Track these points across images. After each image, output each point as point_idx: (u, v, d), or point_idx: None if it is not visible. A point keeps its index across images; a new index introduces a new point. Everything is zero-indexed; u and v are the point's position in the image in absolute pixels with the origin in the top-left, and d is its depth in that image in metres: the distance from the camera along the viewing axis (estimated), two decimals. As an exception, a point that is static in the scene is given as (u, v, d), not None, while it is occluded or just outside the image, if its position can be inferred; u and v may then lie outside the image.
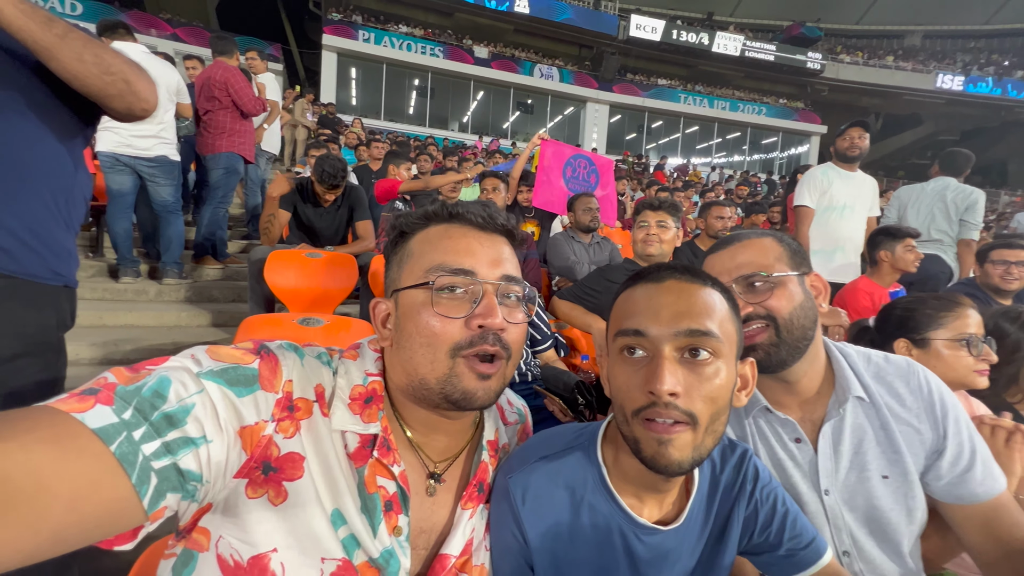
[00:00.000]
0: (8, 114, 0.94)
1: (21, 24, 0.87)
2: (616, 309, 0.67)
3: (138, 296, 3.33)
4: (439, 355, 0.59)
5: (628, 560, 0.67)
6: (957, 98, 22.51)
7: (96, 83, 0.95)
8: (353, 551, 0.57)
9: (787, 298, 0.80)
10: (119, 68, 0.97)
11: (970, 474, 0.79)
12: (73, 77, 0.93)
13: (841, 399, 0.83)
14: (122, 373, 0.49)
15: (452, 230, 0.64)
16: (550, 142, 3.84)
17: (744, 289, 0.82)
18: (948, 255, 3.19)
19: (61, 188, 1.04)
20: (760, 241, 0.86)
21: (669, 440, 0.57)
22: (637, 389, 0.60)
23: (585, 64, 22.02)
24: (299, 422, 0.57)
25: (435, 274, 0.61)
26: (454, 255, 0.62)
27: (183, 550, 0.56)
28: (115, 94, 0.99)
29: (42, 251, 1.00)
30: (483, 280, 0.61)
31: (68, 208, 1.06)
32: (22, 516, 0.37)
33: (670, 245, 2.03)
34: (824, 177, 2.94)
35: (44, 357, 1.04)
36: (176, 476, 0.47)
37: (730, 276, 0.83)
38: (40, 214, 1.00)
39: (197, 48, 16.26)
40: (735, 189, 9.87)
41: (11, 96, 0.94)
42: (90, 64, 0.93)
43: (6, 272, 0.95)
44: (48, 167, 1.01)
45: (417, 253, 0.64)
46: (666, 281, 0.63)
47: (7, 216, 0.95)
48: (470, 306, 0.61)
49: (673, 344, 0.59)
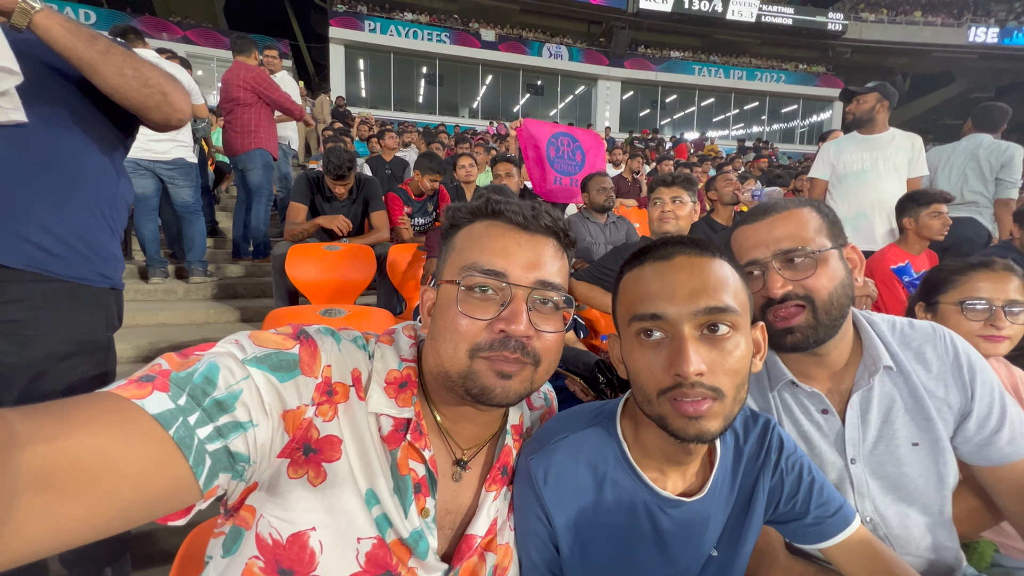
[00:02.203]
0: (56, 128, 1.01)
1: (68, 43, 0.93)
2: (625, 291, 0.65)
3: (167, 296, 3.44)
4: (459, 352, 0.59)
5: (654, 534, 0.67)
6: (992, 51, 21.28)
7: (136, 96, 1.01)
8: (385, 530, 0.59)
9: (828, 276, 0.77)
10: (156, 81, 1.03)
11: (998, 435, 0.78)
12: (114, 91, 0.99)
13: (871, 369, 0.81)
14: (173, 359, 0.51)
15: (493, 228, 0.63)
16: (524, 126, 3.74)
17: (783, 265, 0.78)
18: (984, 217, 3.01)
19: (106, 196, 1.10)
20: (799, 212, 0.81)
21: (699, 417, 0.57)
22: (660, 371, 0.59)
23: (595, 41, 21.50)
24: (337, 406, 0.59)
25: (467, 272, 0.60)
26: (489, 255, 0.61)
27: (232, 527, 0.59)
28: (153, 106, 1.04)
29: (91, 256, 1.07)
30: (514, 283, 0.60)
31: (112, 215, 1.12)
32: (93, 494, 0.40)
33: (687, 221, 1.99)
34: (836, 146, 2.83)
35: (95, 355, 1.11)
36: (227, 458, 0.49)
37: (768, 249, 0.79)
38: (88, 221, 1.06)
39: (208, 49, 16.49)
40: (754, 162, 9.60)
41: (57, 111, 1.00)
42: (130, 78, 0.99)
43: (59, 276, 1.02)
44: (94, 177, 1.07)
45: (459, 248, 0.64)
46: (675, 258, 0.62)
47: (58, 224, 1.01)
48: (498, 308, 0.60)
49: (692, 323, 0.58)
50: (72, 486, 0.39)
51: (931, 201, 2.22)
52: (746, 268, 0.81)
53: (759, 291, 0.79)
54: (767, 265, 0.79)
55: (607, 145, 7.29)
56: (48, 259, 1.00)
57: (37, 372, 1.01)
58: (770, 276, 0.78)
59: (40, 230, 0.98)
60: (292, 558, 0.56)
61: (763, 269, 0.79)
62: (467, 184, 3.89)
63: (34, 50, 0.94)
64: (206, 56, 16.75)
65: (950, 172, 3.10)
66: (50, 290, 1.01)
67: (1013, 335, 1.08)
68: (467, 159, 3.89)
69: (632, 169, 6.23)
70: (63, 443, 0.39)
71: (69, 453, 0.39)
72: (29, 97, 0.92)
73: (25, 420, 0.39)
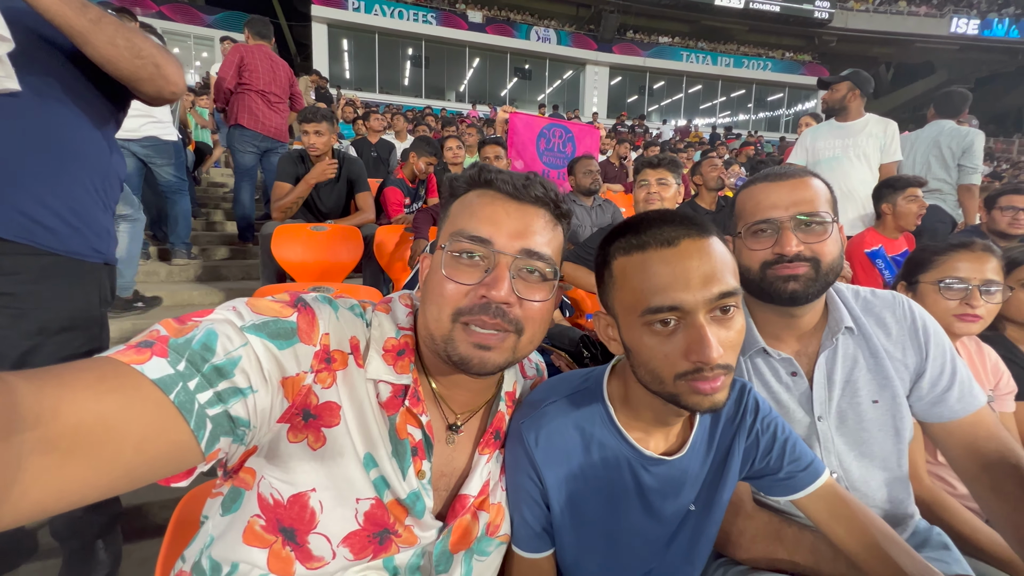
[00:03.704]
0: (49, 101, 0.98)
1: (57, 10, 0.90)
2: (629, 279, 0.63)
3: (149, 277, 3.38)
4: (443, 316, 0.61)
5: (637, 490, 0.71)
6: (972, 43, 21.56)
7: (128, 67, 0.98)
8: (383, 491, 0.61)
9: (832, 243, 0.82)
10: (149, 52, 1.00)
11: (948, 393, 0.85)
12: (107, 61, 0.96)
13: (834, 329, 0.88)
14: (171, 325, 0.51)
15: (484, 196, 0.64)
16: (518, 114, 3.75)
17: (797, 226, 0.82)
18: (948, 204, 3.06)
19: (99, 170, 1.09)
20: (814, 181, 0.85)
21: (714, 392, 0.59)
22: (678, 357, 0.59)
23: (584, 25, 21.26)
24: (335, 373, 0.60)
25: (455, 239, 0.62)
26: (476, 222, 0.62)
27: (231, 488, 0.60)
28: (145, 77, 1.02)
29: (84, 231, 1.05)
30: (499, 251, 0.61)
31: (105, 189, 1.11)
32: (96, 457, 0.41)
33: (672, 203, 2.03)
34: (812, 133, 2.88)
35: (89, 331, 1.11)
36: (228, 422, 0.50)
37: (786, 211, 0.82)
38: (81, 196, 1.04)
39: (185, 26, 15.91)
40: (740, 149, 9.68)
41: (49, 82, 0.98)
42: (122, 48, 0.96)
43: (53, 250, 1.01)
44: (86, 151, 1.06)
45: (452, 216, 0.65)
46: (680, 242, 0.61)
47: (52, 198, 0.99)
48: (482, 274, 0.61)
49: (706, 309, 0.59)
50: (76, 449, 0.40)
51: (906, 185, 2.27)
52: (755, 226, 0.85)
53: (765, 248, 0.83)
54: (782, 225, 0.82)
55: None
56: (42, 232, 0.98)
57: (31, 346, 1.01)
58: (785, 235, 0.81)
59: (34, 203, 0.97)
60: (293, 517, 0.58)
61: (776, 228, 0.83)
62: (454, 166, 3.88)
63: (24, 18, 0.90)
64: (183, 33, 16.18)
65: (914, 160, 3.14)
66: (44, 264, 1.00)
67: (987, 315, 1.12)
68: (454, 141, 3.89)
69: (619, 155, 6.25)
70: (66, 407, 0.40)
71: (73, 417, 0.40)
72: (20, 67, 0.89)
73: (27, 384, 0.39)
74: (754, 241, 0.85)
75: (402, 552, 0.64)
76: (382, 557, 0.63)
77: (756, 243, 0.85)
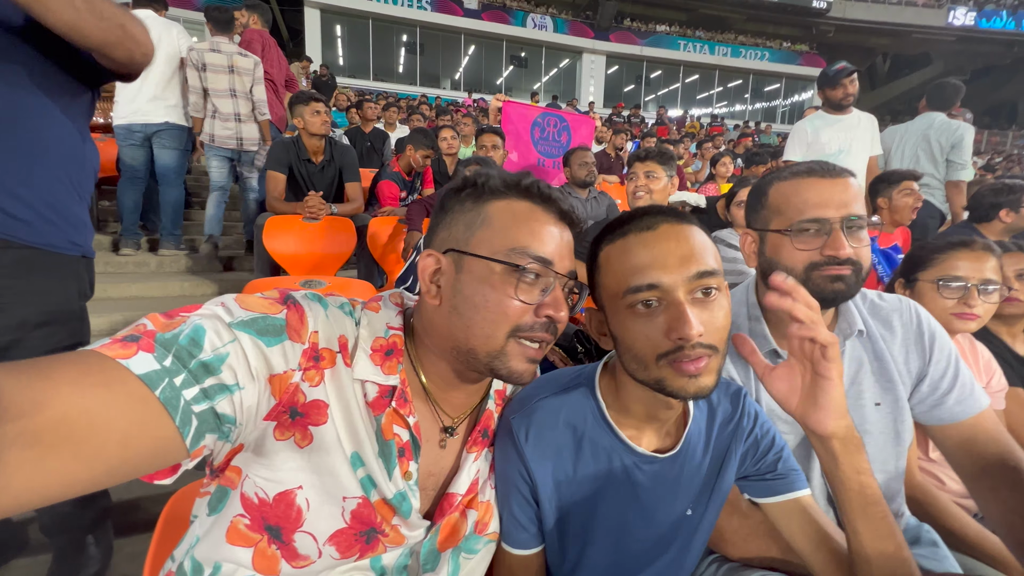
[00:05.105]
0: (17, 90, 0.94)
1: None
2: (611, 265, 0.66)
3: (139, 268, 3.34)
4: (498, 333, 0.60)
5: (630, 488, 0.71)
6: (968, 34, 21.51)
7: (94, 31, 0.90)
8: (370, 490, 0.61)
9: (867, 246, 0.80)
10: (111, 12, 0.93)
11: (948, 396, 0.85)
12: (69, 28, 0.88)
13: (846, 333, 0.87)
14: (158, 320, 0.51)
15: (539, 213, 0.63)
16: (511, 103, 3.71)
17: (845, 227, 0.79)
18: (936, 198, 3.05)
19: (72, 160, 1.05)
20: (853, 181, 0.81)
21: (699, 374, 0.60)
22: (659, 336, 0.60)
23: (581, 12, 21.00)
24: (323, 371, 0.59)
25: (521, 257, 0.60)
26: (539, 242, 0.61)
27: (217, 487, 0.60)
28: (114, 41, 0.94)
29: (59, 222, 1.02)
30: (558, 272, 0.62)
31: (80, 180, 1.07)
32: (80, 451, 0.41)
33: (661, 195, 1.98)
34: (810, 126, 2.84)
35: (69, 325, 1.09)
36: (214, 419, 0.50)
37: (837, 212, 0.79)
38: (54, 186, 1.01)
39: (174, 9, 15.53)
40: (738, 141, 9.64)
41: (15, 70, 0.93)
42: (83, 11, 0.88)
43: (28, 243, 0.98)
44: (59, 140, 1.02)
45: (498, 224, 0.62)
46: (660, 227, 0.63)
47: (24, 189, 0.96)
48: (539, 293, 0.61)
49: (686, 288, 0.60)
50: (59, 443, 0.39)
51: (901, 179, 2.27)
52: (802, 224, 0.81)
53: (813, 248, 0.80)
54: (833, 227, 0.79)
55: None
56: (16, 225, 0.95)
57: (10, 341, 0.99)
58: (837, 237, 0.78)
59: (6, 195, 0.94)
60: (279, 515, 0.57)
61: (827, 229, 0.79)
62: (449, 156, 3.83)
63: None
64: (172, 17, 15.80)
65: (903, 154, 3.12)
66: (19, 257, 0.97)
67: (984, 313, 1.12)
68: (449, 131, 3.83)
69: (616, 145, 6.20)
70: (50, 400, 0.39)
71: (56, 411, 0.39)
72: None
73: (10, 376, 0.38)
74: (799, 240, 0.81)
75: (389, 552, 0.64)
76: (369, 557, 0.63)
77: (802, 243, 0.81)
